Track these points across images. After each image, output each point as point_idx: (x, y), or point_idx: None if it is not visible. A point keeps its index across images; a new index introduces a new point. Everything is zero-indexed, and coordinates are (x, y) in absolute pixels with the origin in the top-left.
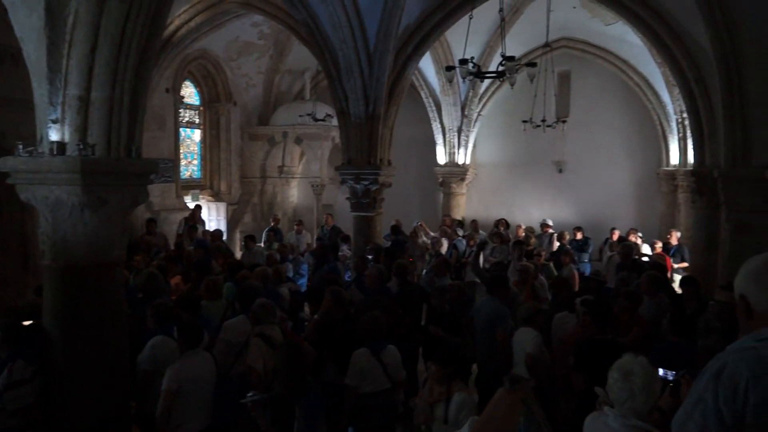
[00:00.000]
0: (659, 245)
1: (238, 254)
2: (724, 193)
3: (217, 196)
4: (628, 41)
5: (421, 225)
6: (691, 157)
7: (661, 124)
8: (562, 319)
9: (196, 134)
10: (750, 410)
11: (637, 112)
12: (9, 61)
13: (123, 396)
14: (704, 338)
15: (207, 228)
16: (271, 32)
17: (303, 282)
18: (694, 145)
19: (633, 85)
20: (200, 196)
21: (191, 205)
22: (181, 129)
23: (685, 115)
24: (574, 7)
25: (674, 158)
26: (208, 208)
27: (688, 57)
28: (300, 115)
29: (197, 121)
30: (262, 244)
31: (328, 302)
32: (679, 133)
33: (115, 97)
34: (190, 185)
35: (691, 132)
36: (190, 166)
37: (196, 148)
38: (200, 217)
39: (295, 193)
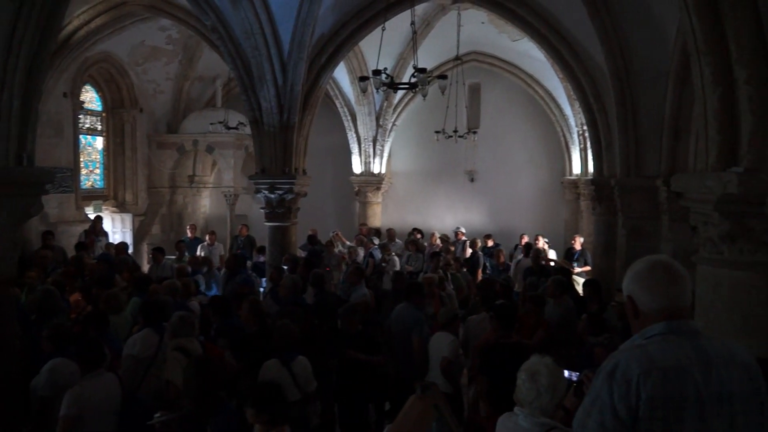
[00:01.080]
0: (540, 242)
1: (146, 268)
2: (620, 201)
3: (122, 207)
4: (533, 57)
5: (337, 234)
6: (591, 167)
7: (564, 135)
8: (478, 322)
9: (99, 142)
10: (642, 405)
11: (542, 124)
12: None
13: (14, 426)
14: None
15: (111, 241)
16: (180, 37)
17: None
18: (593, 155)
19: (538, 98)
20: (103, 208)
21: (93, 216)
22: (81, 136)
23: (585, 127)
24: (483, 23)
25: (576, 168)
26: (113, 220)
27: (587, 74)
28: (211, 123)
29: (99, 127)
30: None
31: (245, 313)
32: (580, 144)
33: (4, 101)
34: (92, 196)
35: (591, 143)
36: (91, 176)
37: (98, 157)
38: (102, 228)
39: (206, 204)
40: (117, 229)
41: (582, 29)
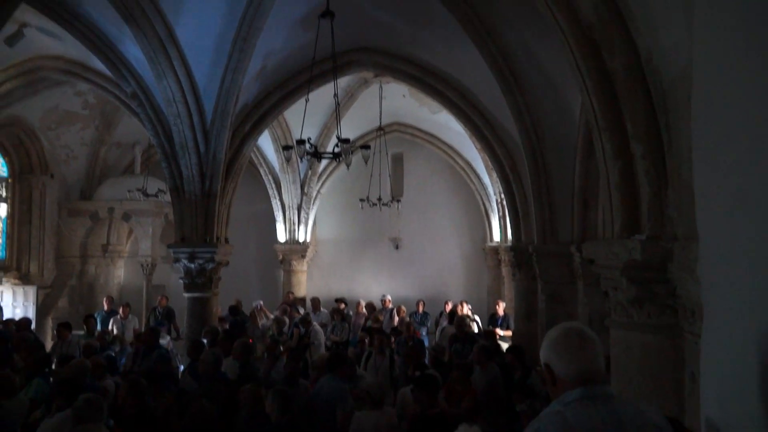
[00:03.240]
0: (465, 309)
1: (50, 345)
2: (538, 267)
3: (25, 279)
4: (452, 129)
5: (260, 308)
6: (510, 234)
7: (483, 204)
8: (406, 393)
9: (2, 209)
10: None
11: (463, 193)
12: None
13: None
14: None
15: (11, 316)
16: (97, 102)
17: None
18: (511, 223)
19: (459, 168)
20: (4, 280)
21: None
22: None
23: (503, 196)
24: (404, 96)
25: (496, 235)
26: (14, 293)
27: (503, 146)
28: (129, 190)
29: (4, 194)
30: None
31: (122, 393)
32: (499, 212)
33: None
34: None
35: (509, 212)
36: None
37: (1, 225)
38: None
39: (121, 274)
40: (18, 303)
41: (497, 104)
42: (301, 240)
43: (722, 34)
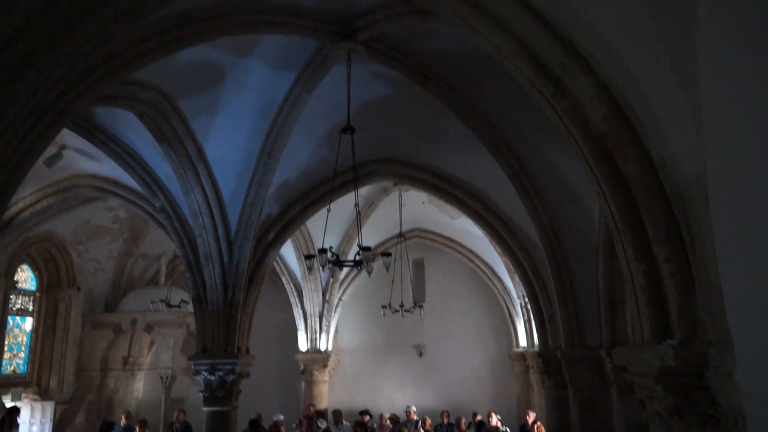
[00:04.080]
0: (494, 420)
1: None
2: (568, 373)
3: (44, 394)
4: (472, 233)
5: (279, 424)
6: (536, 339)
7: (507, 308)
8: None
9: (28, 323)
10: None
11: (486, 297)
12: None
13: None
14: None
15: None
16: (126, 216)
17: None
18: (537, 328)
19: (480, 272)
20: (23, 396)
21: (9, 406)
22: (9, 317)
23: (526, 299)
24: (423, 203)
25: (522, 340)
26: (32, 409)
27: (523, 249)
28: (152, 301)
29: (31, 308)
30: None
31: None
32: (523, 316)
33: None
34: (12, 382)
35: (533, 316)
36: (15, 360)
37: (25, 339)
38: (15, 420)
39: (140, 387)
40: (36, 419)
41: (515, 208)
42: (322, 349)
43: (733, 135)
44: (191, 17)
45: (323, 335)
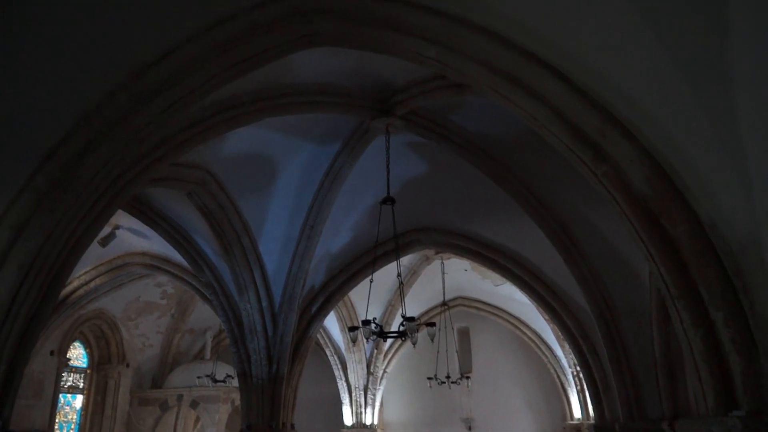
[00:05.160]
0: None
1: None
2: None
3: None
4: (517, 300)
5: None
6: (592, 410)
7: (558, 377)
8: None
9: (78, 400)
10: None
11: (535, 366)
12: None
13: None
14: None
15: None
16: (174, 292)
17: None
18: (591, 398)
19: (527, 339)
20: None
21: None
22: (60, 395)
23: (578, 368)
24: (466, 270)
25: (577, 411)
26: None
27: (572, 316)
28: (198, 377)
29: (81, 385)
30: None
31: None
32: (576, 386)
33: None
34: None
35: (587, 386)
36: None
37: (75, 417)
38: None
39: None
40: None
41: (560, 274)
42: (368, 423)
43: None
44: (236, 101)
45: (368, 409)
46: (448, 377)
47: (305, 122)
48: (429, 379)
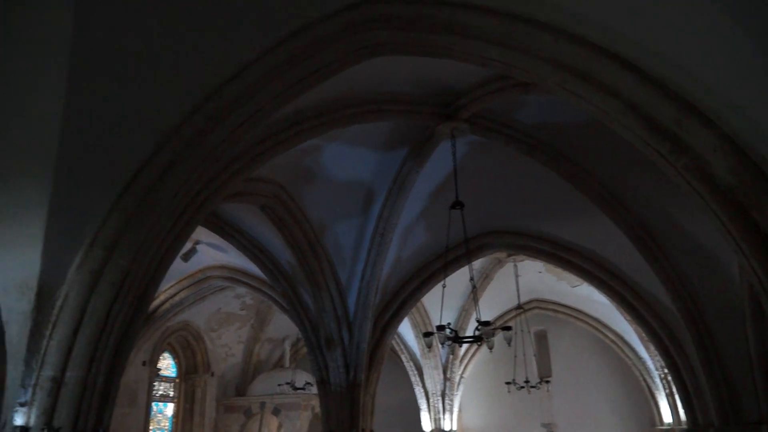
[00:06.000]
0: None
1: None
2: None
3: None
4: (596, 301)
5: None
6: (683, 414)
7: (645, 380)
8: None
9: (169, 408)
10: None
11: (619, 369)
12: None
13: None
14: None
15: None
16: (253, 303)
17: None
18: (682, 402)
19: (609, 342)
20: None
21: None
22: (153, 403)
23: (666, 370)
24: (540, 272)
25: (667, 416)
26: None
27: (656, 317)
28: (279, 384)
29: (172, 394)
30: None
31: None
32: (665, 389)
33: (90, 377)
34: None
35: (677, 388)
36: None
37: (167, 424)
38: None
39: None
40: None
41: (642, 273)
42: (447, 429)
43: None
44: (302, 115)
45: (447, 414)
46: (527, 382)
47: (369, 131)
48: (507, 383)
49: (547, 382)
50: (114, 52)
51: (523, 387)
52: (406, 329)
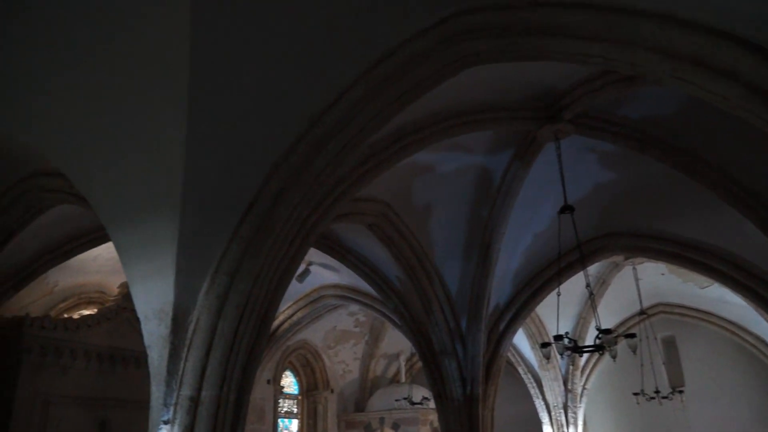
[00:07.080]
0: None
1: None
2: None
3: None
4: (730, 302)
5: None
6: None
7: None
8: None
9: (294, 425)
10: None
11: (762, 375)
12: (133, 364)
13: None
14: None
15: None
16: (366, 319)
17: None
18: None
19: (749, 346)
20: None
21: None
22: (279, 420)
23: None
24: (663, 274)
25: None
26: None
27: None
28: (396, 399)
29: (295, 410)
30: None
31: None
32: None
33: (223, 395)
34: None
35: None
36: None
37: None
38: None
39: None
40: None
41: None
42: None
43: None
44: (402, 132)
45: (571, 428)
46: (657, 392)
47: (470, 140)
48: (635, 394)
49: (680, 392)
50: (230, 88)
51: (653, 398)
52: (521, 340)
